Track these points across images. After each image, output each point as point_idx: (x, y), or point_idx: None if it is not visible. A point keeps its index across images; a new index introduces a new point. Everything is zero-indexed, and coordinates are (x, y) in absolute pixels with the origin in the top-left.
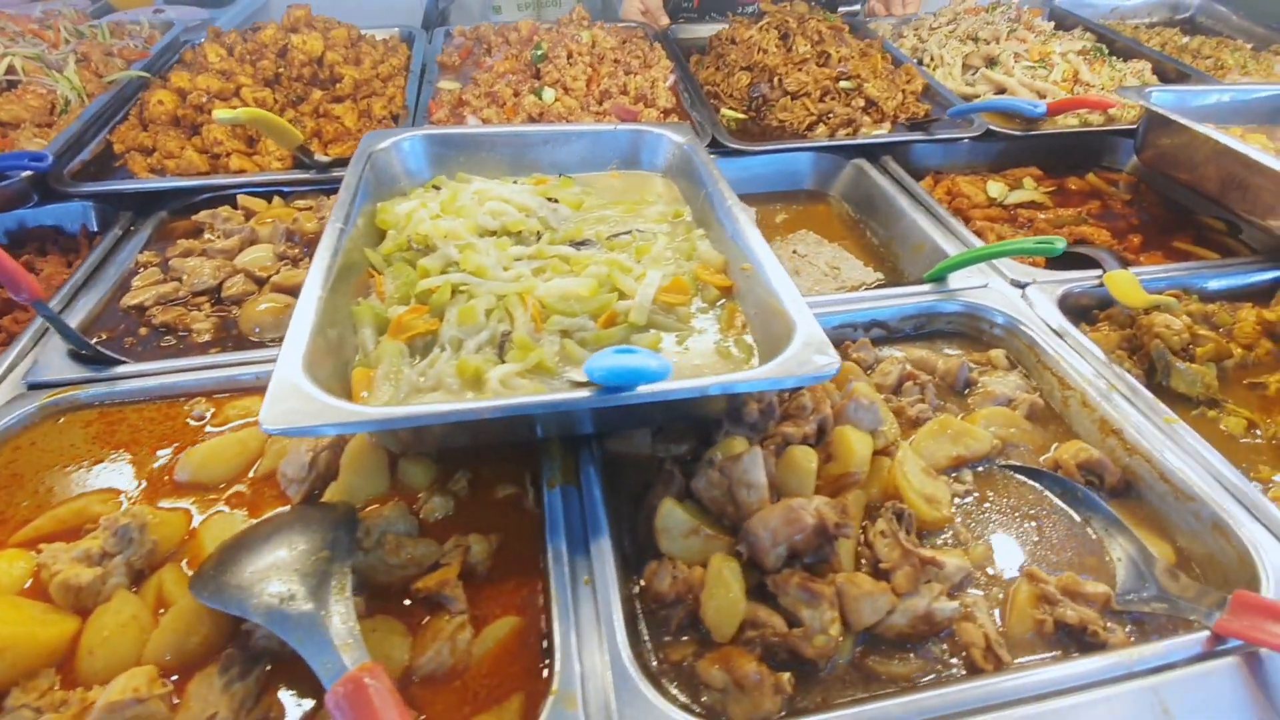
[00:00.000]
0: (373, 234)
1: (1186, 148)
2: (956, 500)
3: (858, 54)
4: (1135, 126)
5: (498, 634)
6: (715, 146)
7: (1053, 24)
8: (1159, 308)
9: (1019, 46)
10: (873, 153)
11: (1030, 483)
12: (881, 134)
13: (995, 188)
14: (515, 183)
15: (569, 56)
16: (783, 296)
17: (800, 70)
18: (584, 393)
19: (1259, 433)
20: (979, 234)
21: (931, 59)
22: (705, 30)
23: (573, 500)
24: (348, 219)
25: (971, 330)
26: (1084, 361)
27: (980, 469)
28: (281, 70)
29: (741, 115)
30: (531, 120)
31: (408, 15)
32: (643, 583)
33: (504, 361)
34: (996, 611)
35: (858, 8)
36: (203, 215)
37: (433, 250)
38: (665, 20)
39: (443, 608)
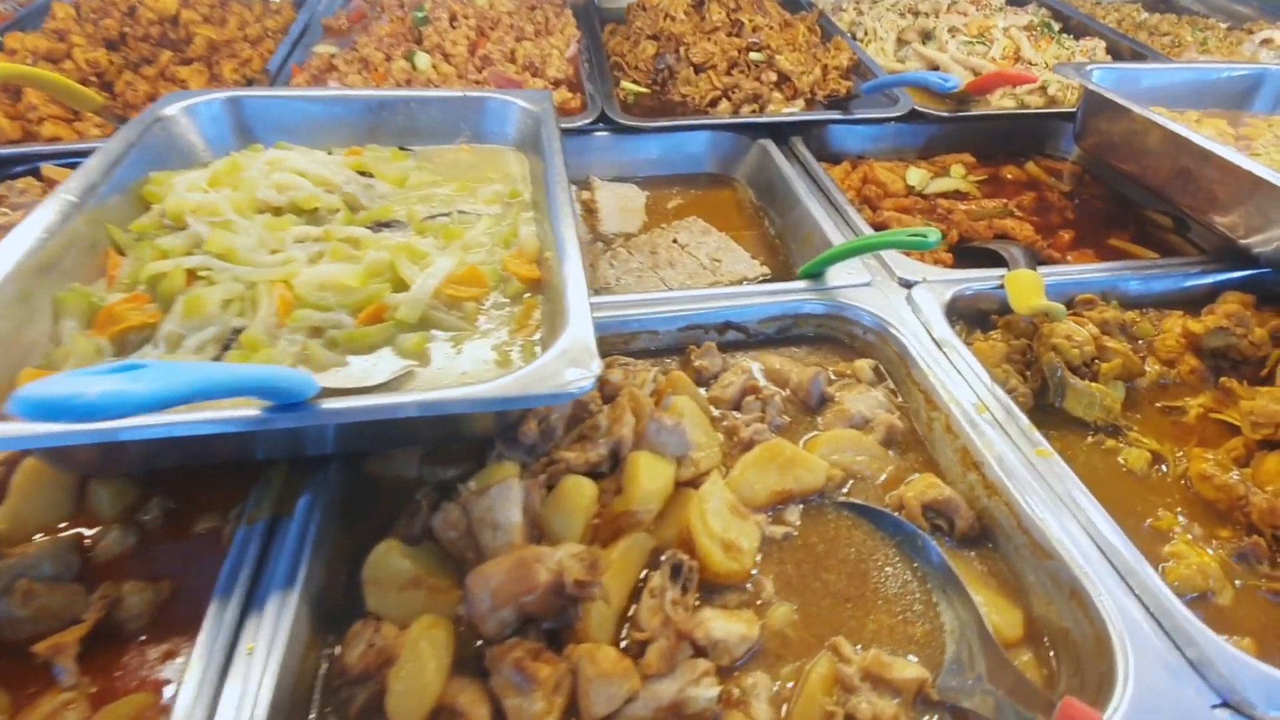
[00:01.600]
0: (138, 210)
1: (1129, 133)
2: (772, 545)
3: (778, 24)
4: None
5: (114, 718)
6: (607, 123)
7: None
8: (1048, 315)
9: (958, 20)
10: (784, 133)
11: (868, 524)
12: (792, 112)
13: (915, 175)
14: (330, 153)
15: (451, 19)
16: (569, 291)
17: (709, 40)
18: (246, 412)
19: (1165, 468)
20: (883, 225)
21: (866, 33)
22: None
23: (282, 537)
24: (89, 190)
25: (842, 335)
26: (960, 377)
27: (812, 504)
28: (127, 29)
29: (644, 89)
30: (397, 88)
31: None
32: (338, 650)
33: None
34: (784, 703)
35: None
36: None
37: (183, 228)
38: None
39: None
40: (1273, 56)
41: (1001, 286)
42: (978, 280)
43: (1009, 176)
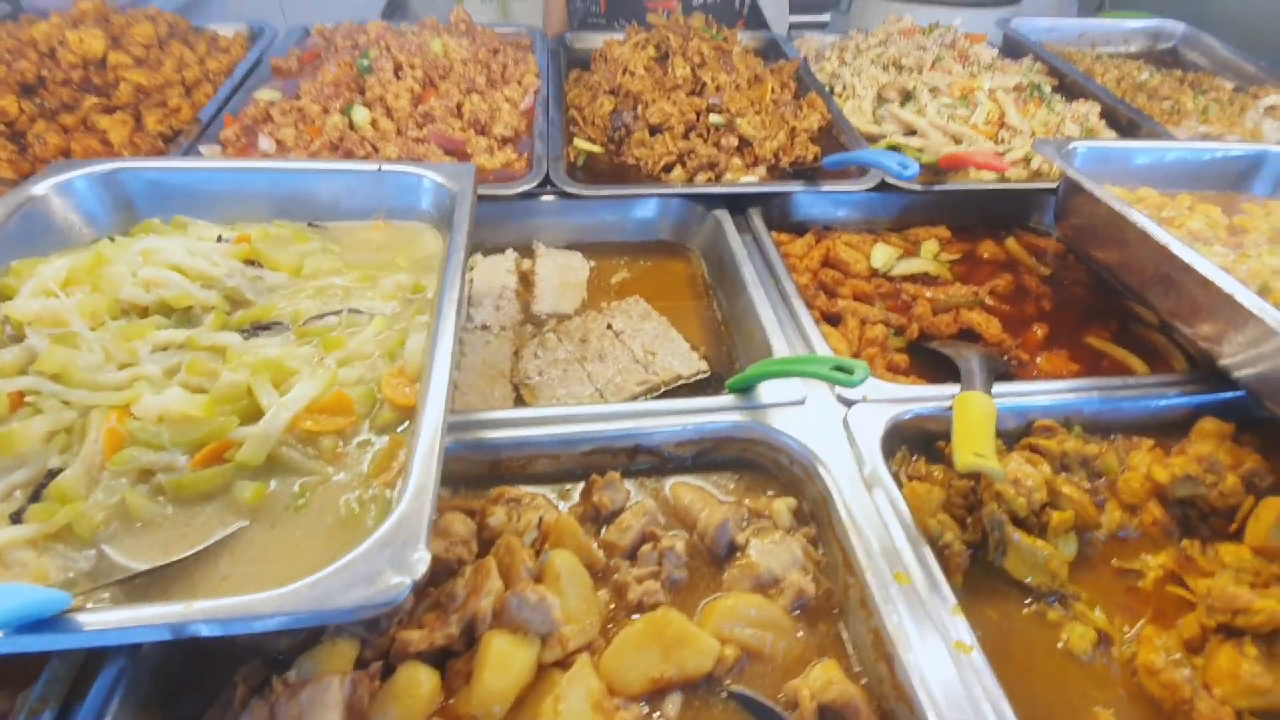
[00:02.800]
0: None
1: (1105, 223)
2: None
3: (746, 80)
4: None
5: None
6: (553, 187)
7: (996, 52)
8: (978, 476)
9: (941, 79)
10: (742, 203)
11: None
12: (750, 181)
13: (880, 254)
14: (220, 238)
15: (396, 69)
16: (420, 438)
17: (668, 99)
18: None
19: (1111, 650)
20: (839, 316)
21: (844, 88)
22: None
23: None
24: None
25: (768, 462)
26: (885, 531)
27: (699, 691)
28: (46, 73)
29: (597, 148)
30: (332, 146)
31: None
32: None
33: (19, 521)
34: None
35: (826, 17)
36: None
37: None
38: (557, 28)
39: None
40: (1277, 127)
41: (951, 408)
42: (925, 401)
43: (986, 255)
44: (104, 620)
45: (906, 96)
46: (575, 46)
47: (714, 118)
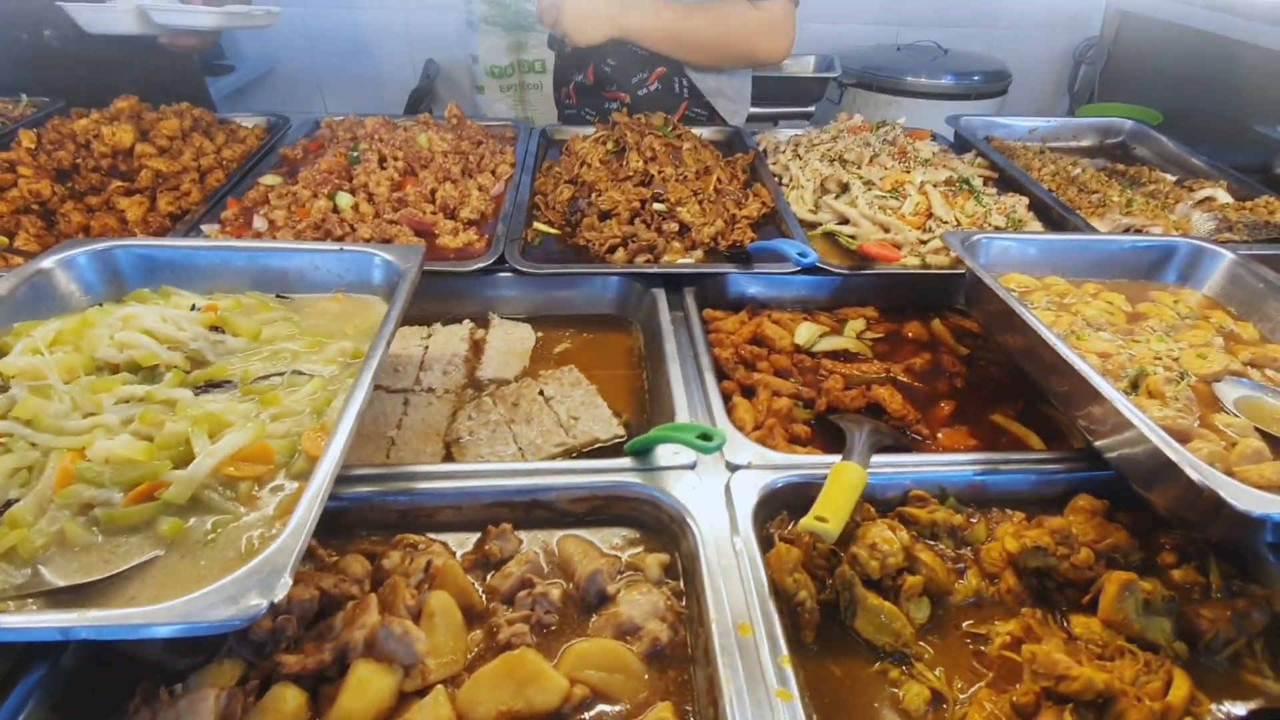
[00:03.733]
0: None
1: (1000, 310)
2: None
3: (694, 173)
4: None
5: None
6: (505, 265)
7: (939, 147)
8: (813, 536)
9: (877, 173)
10: (679, 283)
11: None
12: (686, 263)
13: (804, 331)
14: (194, 306)
15: (380, 160)
16: (311, 485)
17: (618, 189)
18: None
19: (944, 709)
20: (752, 388)
21: (791, 179)
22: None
23: None
24: None
25: (653, 521)
26: (741, 585)
27: None
28: (80, 160)
29: (554, 231)
30: (315, 226)
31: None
32: None
33: None
34: None
35: (812, 109)
36: None
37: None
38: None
39: None
40: (1206, 219)
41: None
42: (805, 469)
43: (910, 334)
44: (8, 621)
45: (844, 188)
46: (555, 137)
47: (657, 205)
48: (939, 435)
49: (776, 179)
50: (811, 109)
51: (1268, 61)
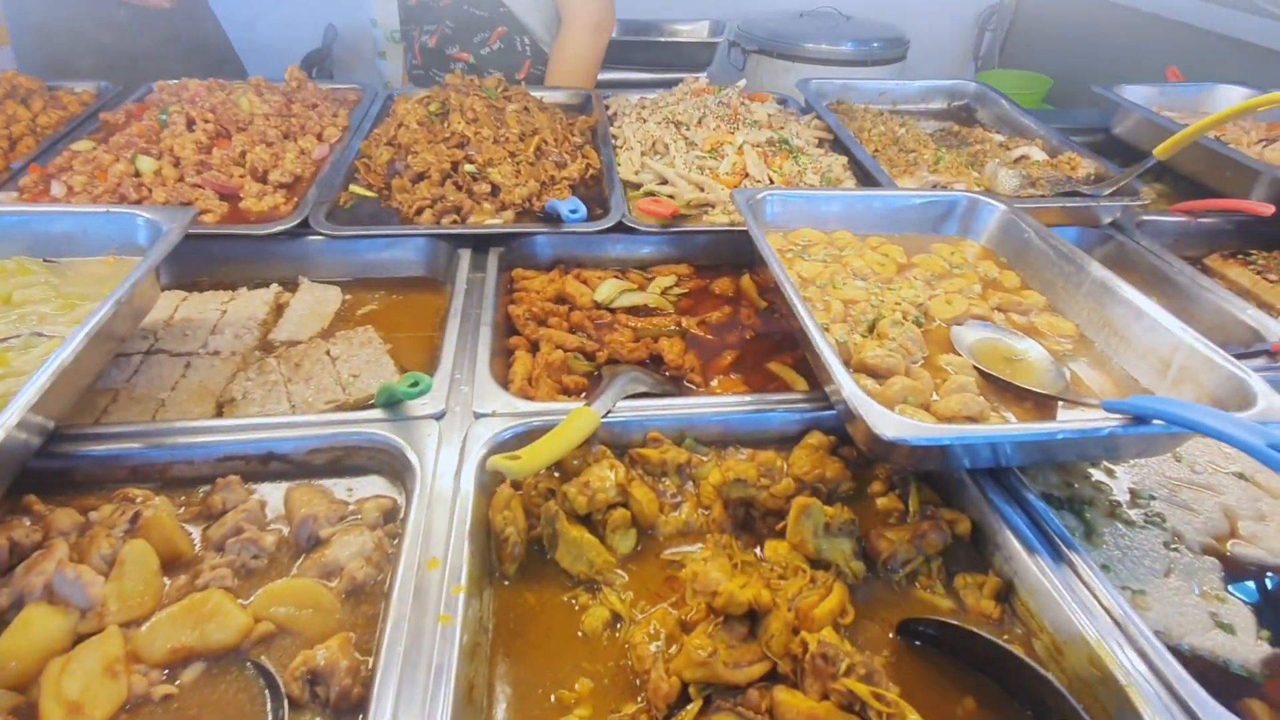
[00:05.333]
0: None
1: (761, 260)
2: (145, 708)
3: (517, 135)
4: None
5: None
6: (308, 228)
7: (787, 111)
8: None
9: (704, 134)
10: (486, 244)
11: (262, 688)
12: (494, 224)
13: (606, 288)
14: None
15: (189, 123)
16: None
17: (431, 150)
18: None
19: (619, 629)
20: (535, 343)
21: (623, 142)
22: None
23: None
24: None
25: (387, 469)
26: (448, 526)
27: (223, 662)
28: None
29: (371, 193)
30: (111, 191)
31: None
32: None
33: None
34: None
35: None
36: None
37: None
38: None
39: None
40: (1011, 175)
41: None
42: (544, 415)
43: (717, 290)
44: None
45: (666, 149)
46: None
47: (468, 167)
48: (713, 384)
49: (614, 140)
50: (703, 75)
51: (1145, 23)
